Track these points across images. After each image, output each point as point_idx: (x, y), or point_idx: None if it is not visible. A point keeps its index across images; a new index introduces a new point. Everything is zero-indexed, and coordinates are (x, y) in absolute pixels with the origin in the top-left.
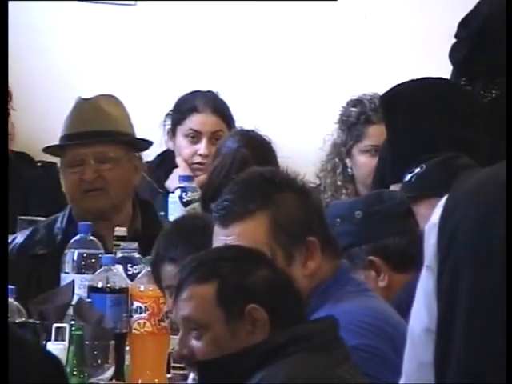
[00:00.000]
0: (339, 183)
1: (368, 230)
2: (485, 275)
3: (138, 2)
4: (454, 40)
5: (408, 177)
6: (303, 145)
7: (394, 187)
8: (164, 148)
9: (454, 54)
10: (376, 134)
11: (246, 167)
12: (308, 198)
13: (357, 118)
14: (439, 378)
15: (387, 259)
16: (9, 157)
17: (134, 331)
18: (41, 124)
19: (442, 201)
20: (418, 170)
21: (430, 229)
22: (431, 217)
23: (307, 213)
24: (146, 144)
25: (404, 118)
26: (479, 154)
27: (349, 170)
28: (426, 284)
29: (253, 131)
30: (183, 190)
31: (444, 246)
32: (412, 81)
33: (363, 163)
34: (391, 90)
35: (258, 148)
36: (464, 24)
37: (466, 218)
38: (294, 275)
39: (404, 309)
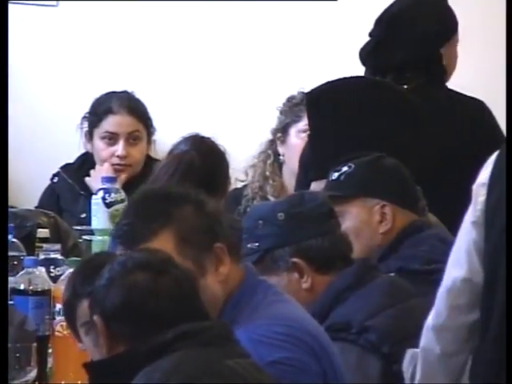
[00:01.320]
0: (267, 174)
1: (291, 232)
2: None
3: (60, 2)
4: None
5: (335, 175)
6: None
7: (315, 185)
8: (83, 150)
9: (364, 52)
10: None
11: (192, 171)
12: (205, 208)
13: (301, 99)
14: (484, 326)
15: (310, 261)
16: None
17: (56, 333)
18: None
19: (491, 160)
20: (345, 168)
21: (478, 188)
22: (479, 176)
23: (208, 221)
24: None
25: (329, 116)
26: (406, 154)
27: (281, 157)
28: (469, 237)
29: (208, 138)
30: (106, 191)
31: (491, 208)
32: (338, 79)
33: (297, 145)
34: (318, 87)
35: (208, 154)
36: (376, 22)
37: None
38: (208, 284)
39: (327, 310)
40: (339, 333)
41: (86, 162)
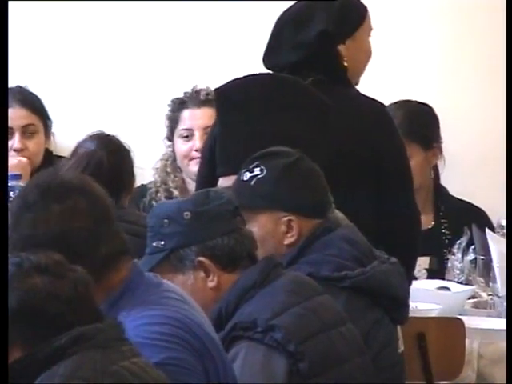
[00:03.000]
0: (168, 170)
1: (197, 231)
2: None
3: None
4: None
5: (247, 176)
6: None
7: (223, 181)
8: None
9: (283, 58)
10: (189, 117)
11: (101, 170)
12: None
13: (174, 103)
14: None
15: (216, 259)
16: None
17: None
18: None
19: None
20: (257, 172)
21: None
22: None
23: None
24: None
25: (237, 113)
26: (313, 151)
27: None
28: None
29: (113, 136)
30: (11, 189)
31: None
32: (247, 76)
33: (179, 148)
34: (227, 83)
35: (115, 152)
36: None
37: None
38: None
39: (233, 308)
40: (245, 331)
41: None
